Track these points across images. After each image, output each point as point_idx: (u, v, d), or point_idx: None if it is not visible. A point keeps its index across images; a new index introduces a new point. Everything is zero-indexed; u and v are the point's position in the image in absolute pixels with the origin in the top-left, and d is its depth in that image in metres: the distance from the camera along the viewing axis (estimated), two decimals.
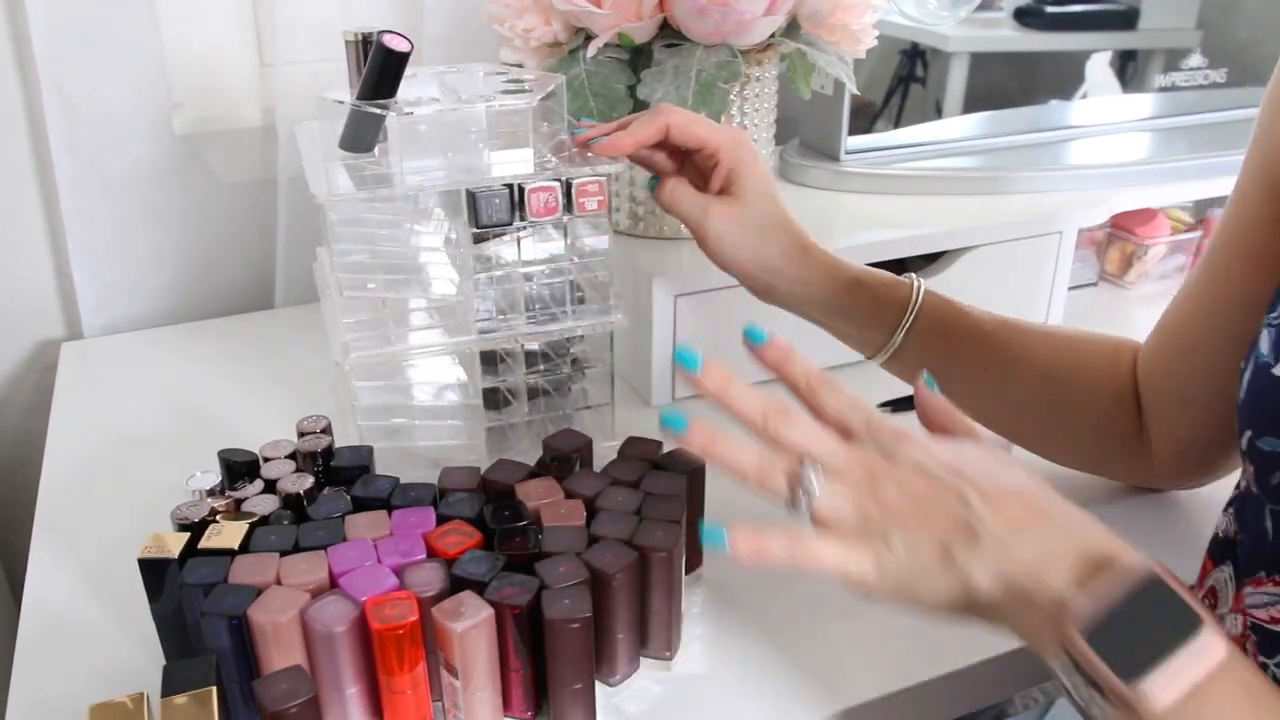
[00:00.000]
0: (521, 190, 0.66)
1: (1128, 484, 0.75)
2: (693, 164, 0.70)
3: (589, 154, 0.68)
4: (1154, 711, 0.37)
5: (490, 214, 0.65)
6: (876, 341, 0.69)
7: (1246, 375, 0.52)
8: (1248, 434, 0.51)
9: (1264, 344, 0.51)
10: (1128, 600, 0.38)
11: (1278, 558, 0.50)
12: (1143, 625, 0.38)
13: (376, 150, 0.69)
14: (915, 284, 0.68)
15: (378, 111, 0.65)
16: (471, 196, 0.65)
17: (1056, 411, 0.69)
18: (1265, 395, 0.50)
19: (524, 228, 0.69)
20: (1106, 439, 0.70)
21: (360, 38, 0.71)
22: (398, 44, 0.64)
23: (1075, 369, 0.68)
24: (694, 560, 0.66)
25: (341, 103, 0.67)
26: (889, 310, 0.68)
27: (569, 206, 0.67)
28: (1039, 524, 0.43)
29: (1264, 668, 0.51)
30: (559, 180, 0.67)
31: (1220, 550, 0.58)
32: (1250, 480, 0.52)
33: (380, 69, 0.65)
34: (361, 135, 0.68)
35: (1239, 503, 0.55)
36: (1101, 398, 0.68)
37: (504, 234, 0.69)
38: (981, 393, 0.69)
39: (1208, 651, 0.37)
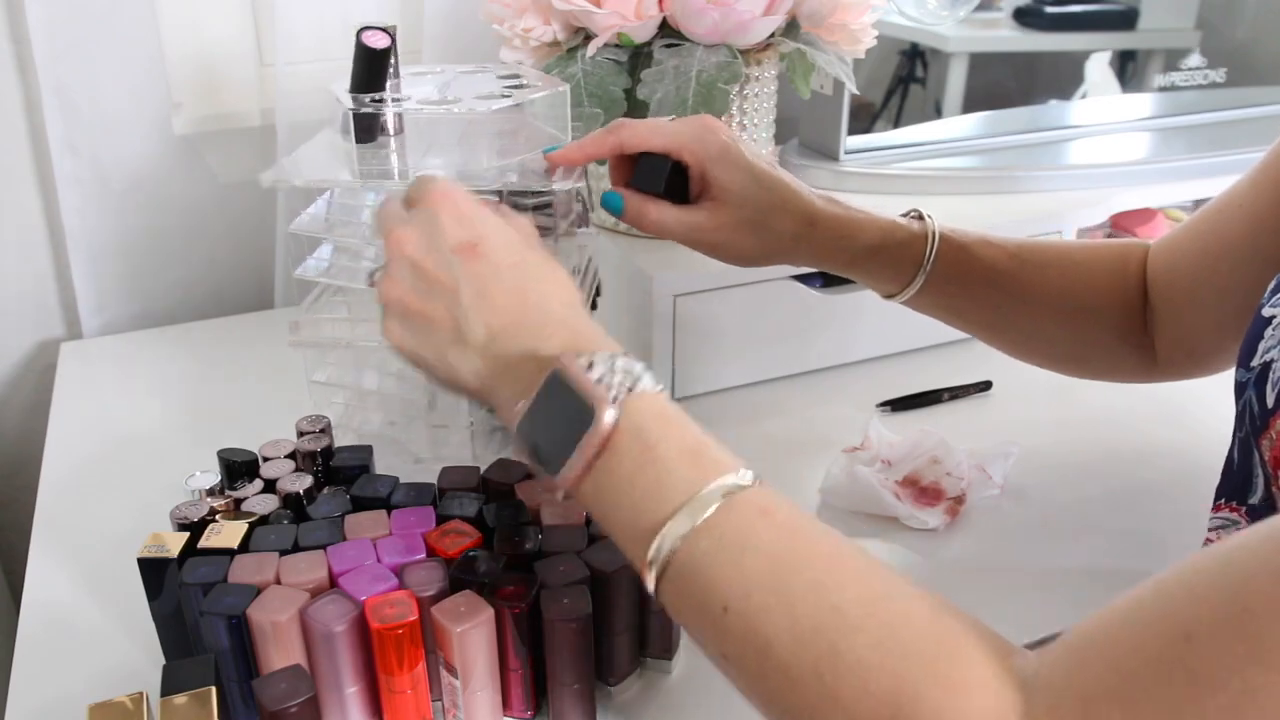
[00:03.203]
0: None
1: (1127, 383, 0.75)
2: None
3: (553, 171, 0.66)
4: (567, 489, 0.45)
5: None
6: (891, 290, 0.69)
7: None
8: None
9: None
10: (540, 399, 0.45)
11: (1238, 485, 0.53)
12: (553, 420, 0.45)
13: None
14: (930, 237, 0.67)
15: (368, 109, 0.66)
16: None
17: (1068, 338, 0.71)
18: (1249, 332, 0.52)
19: None
20: (1113, 351, 0.71)
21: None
22: (376, 41, 0.66)
23: (1086, 294, 0.69)
24: None
25: (339, 100, 0.67)
26: (904, 266, 0.68)
27: None
28: (517, 328, 0.48)
29: None
30: (499, 193, 0.65)
31: None
32: None
33: (364, 64, 0.66)
34: (362, 127, 0.68)
35: None
36: (1111, 315, 0.69)
37: None
38: (995, 325, 0.72)
39: (599, 430, 0.43)
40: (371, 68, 0.66)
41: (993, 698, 0.35)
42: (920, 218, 0.68)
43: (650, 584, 0.42)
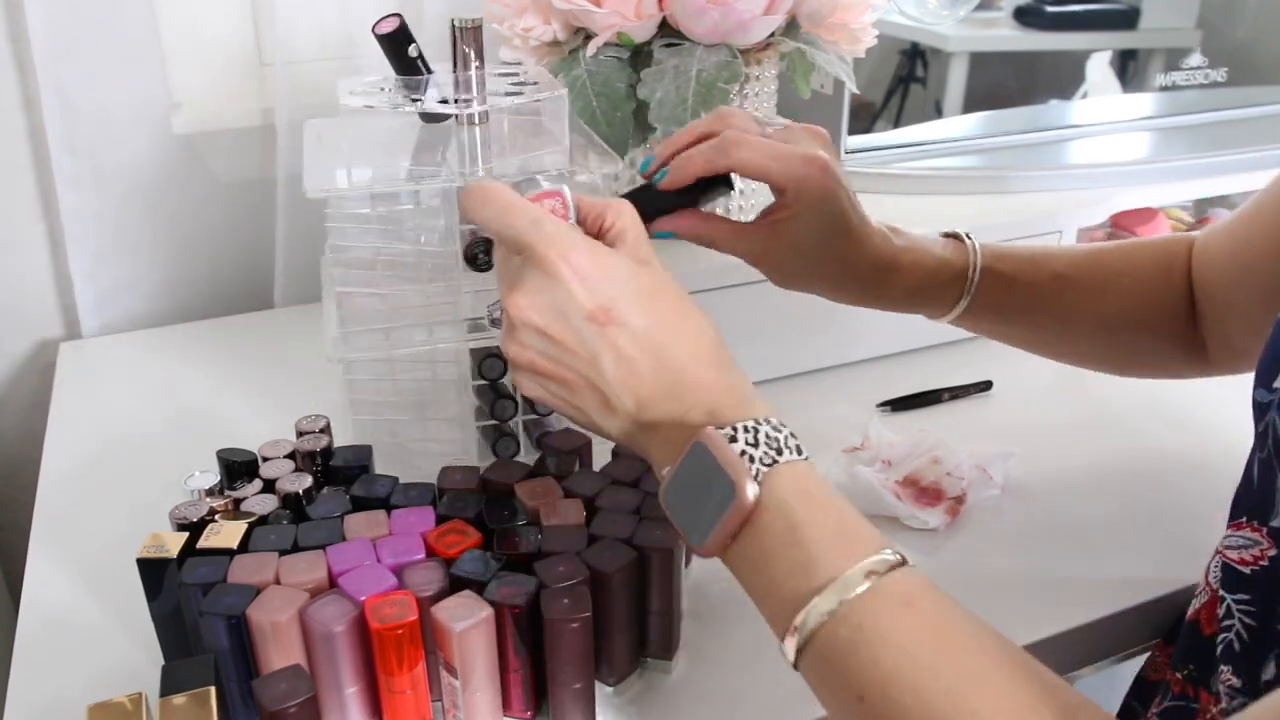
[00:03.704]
0: None
1: (1181, 378, 0.75)
2: None
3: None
4: (711, 554, 0.45)
5: None
6: (934, 316, 0.69)
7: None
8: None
9: None
10: (684, 469, 0.45)
11: (1258, 504, 0.52)
12: (697, 491, 0.45)
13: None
14: (970, 273, 0.66)
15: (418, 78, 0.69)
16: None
17: (1116, 350, 0.71)
18: (1268, 349, 0.52)
19: None
20: (1164, 353, 0.70)
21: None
22: (382, 27, 0.68)
23: (1133, 308, 0.68)
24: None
25: (370, 107, 0.68)
26: (942, 303, 0.67)
27: None
28: (664, 395, 0.47)
29: (1221, 600, 0.53)
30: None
31: None
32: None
33: (389, 51, 0.70)
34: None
35: None
36: (1160, 323, 0.68)
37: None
38: (1039, 344, 0.72)
39: (740, 507, 0.43)
40: (393, 53, 0.69)
41: None
42: (964, 239, 0.67)
43: (790, 654, 0.42)
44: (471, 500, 0.61)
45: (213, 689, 0.48)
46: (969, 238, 0.67)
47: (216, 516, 0.59)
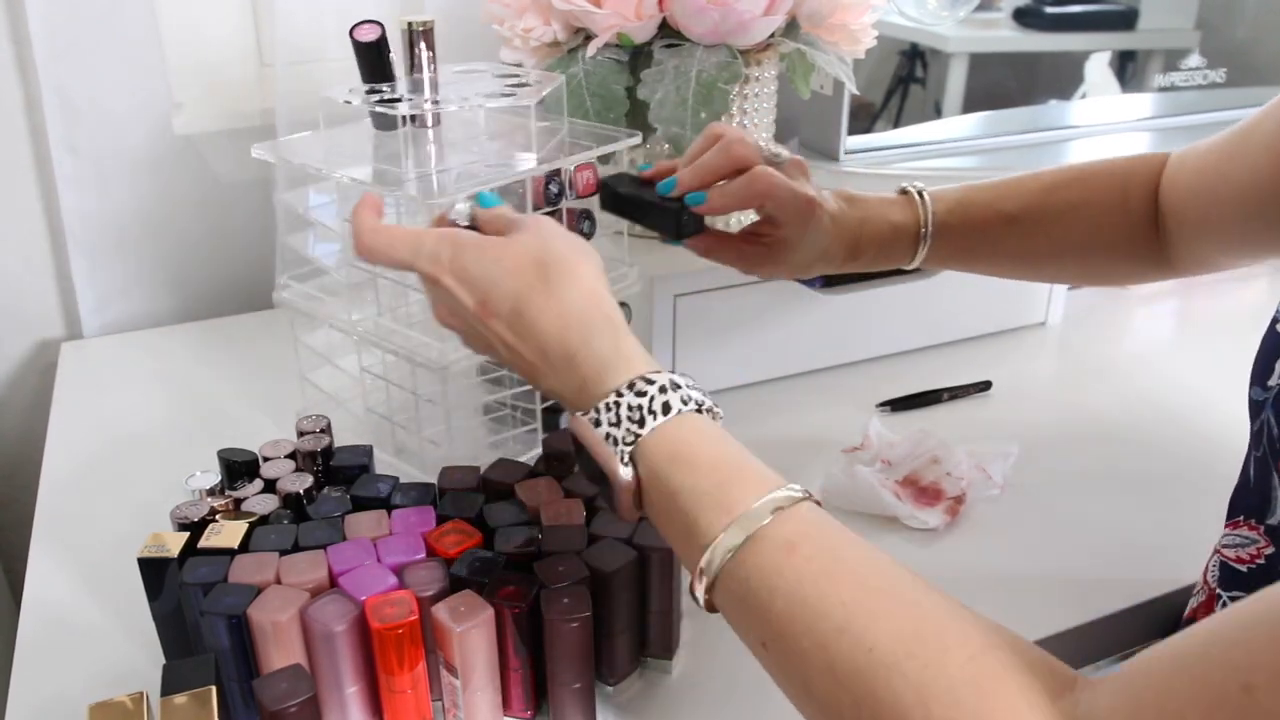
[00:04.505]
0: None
1: (1146, 283, 0.76)
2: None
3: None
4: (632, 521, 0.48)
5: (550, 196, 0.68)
6: (897, 266, 0.71)
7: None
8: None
9: None
10: (580, 453, 0.47)
11: (1255, 503, 0.53)
12: (596, 470, 0.46)
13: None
14: (922, 229, 0.68)
15: (383, 109, 0.67)
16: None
17: (1076, 270, 0.74)
18: (1262, 347, 0.52)
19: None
20: (1122, 270, 0.72)
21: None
22: (363, 34, 0.68)
23: (1089, 236, 0.69)
24: None
25: (349, 102, 0.67)
26: (905, 255, 0.69)
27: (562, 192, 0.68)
28: (548, 375, 0.49)
29: (1219, 598, 0.54)
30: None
31: None
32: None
33: (363, 58, 0.69)
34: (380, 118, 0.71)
35: None
36: (1118, 246, 0.69)
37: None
38: (1004, 273, 0.73)
39: (623, 488, 0.45)
40: (368, 59, 0.68)
41: None
42: (915, 197, 0.69)
43: (704, 608, 0.44)
44: (471, 500, 0.61)
45: (213, 688, 0.48)
46: (920, 195, 0.69)
47: (217, 516, 0.59)
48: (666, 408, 0.45)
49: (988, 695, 0.35)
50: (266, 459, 0.65)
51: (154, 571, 0.55)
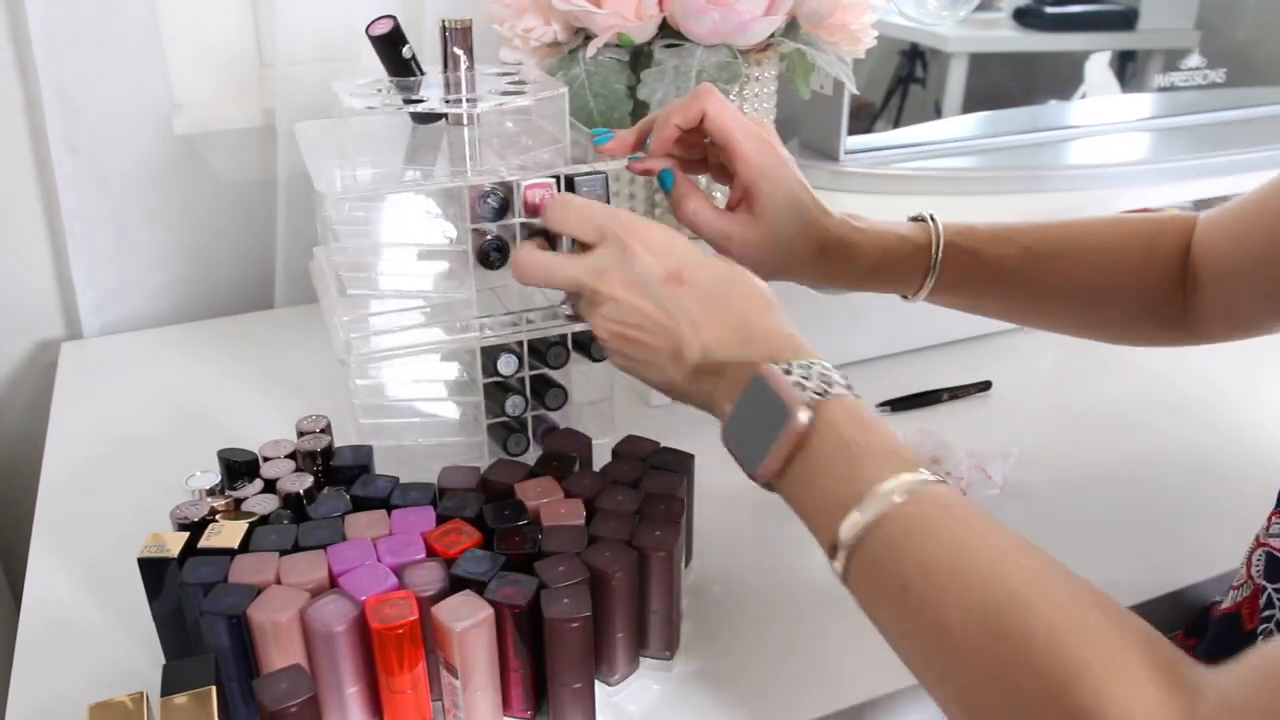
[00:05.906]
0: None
1: (1160, 346, 0.75)
2: (712, 150, 0.67)
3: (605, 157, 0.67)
4: (767, 480, 0.49)
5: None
6: (906, 293, 0.70)
7: None
8: None
9: None
10: (744, 401, 0.49)
11: None
12: (756, 420, 0.49)
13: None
14: (934, 249, 0.67)
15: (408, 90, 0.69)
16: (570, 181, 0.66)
17: (1088, 317, 0.72)
18: None
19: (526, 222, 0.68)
20: (1136, 325, 0.71)
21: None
22: (376, 29, 0.69)
23: (1105, 281, 0.69)
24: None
25: (373, 108, 0.67)
26: (911, 279, 0.69)
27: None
28: (727, 343, 0.52)
29: (1262, 590, 0.55)
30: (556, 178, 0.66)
31: None
32: None
33: (382, 54, 0.70)
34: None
35: None
36: (1135, 298, 0.69)
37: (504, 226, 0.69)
38: (1011, 314, 0.72)
39: (793, 428, 0.47)
40: (385, 54, 0.70)
41: (1161, 691, 0.35)
42: (928, 220, 0.68)
43: (839, 566, 0.45)
44: (471, 500, 0.61)
45: (213, 688, 0.48)
46: (933, 219, 0.68)
47: (217, 516, 0.59)
48: (850, 389, 0.49)
49: (1120, 643, 0.37)
50: (266, 459, 0.65)
51: (154, 571, 0.55)
